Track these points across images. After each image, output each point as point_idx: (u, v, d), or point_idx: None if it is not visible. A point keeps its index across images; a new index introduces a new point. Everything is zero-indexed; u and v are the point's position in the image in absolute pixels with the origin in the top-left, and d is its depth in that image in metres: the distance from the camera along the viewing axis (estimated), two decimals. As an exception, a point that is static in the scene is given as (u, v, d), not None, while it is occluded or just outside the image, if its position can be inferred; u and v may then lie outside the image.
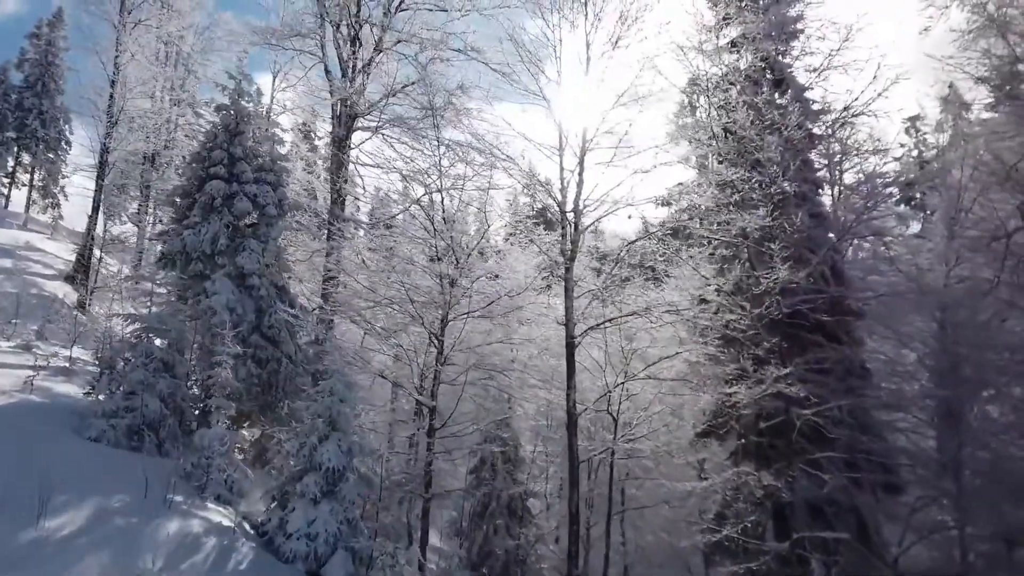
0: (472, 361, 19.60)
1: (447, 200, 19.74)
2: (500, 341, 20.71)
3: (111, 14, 32.31)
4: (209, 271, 20.63)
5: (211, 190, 20.85)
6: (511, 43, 19.08)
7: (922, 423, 19.21)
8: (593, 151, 18.78)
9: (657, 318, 18.21)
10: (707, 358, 18.77)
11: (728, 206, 17.50)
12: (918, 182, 31.65)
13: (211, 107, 23.94)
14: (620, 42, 18.35)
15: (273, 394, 20.49)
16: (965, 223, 20.57)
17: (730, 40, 21.67)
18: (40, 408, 15.65)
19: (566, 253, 18.65)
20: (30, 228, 43.23)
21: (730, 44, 21.84)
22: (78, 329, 24.20)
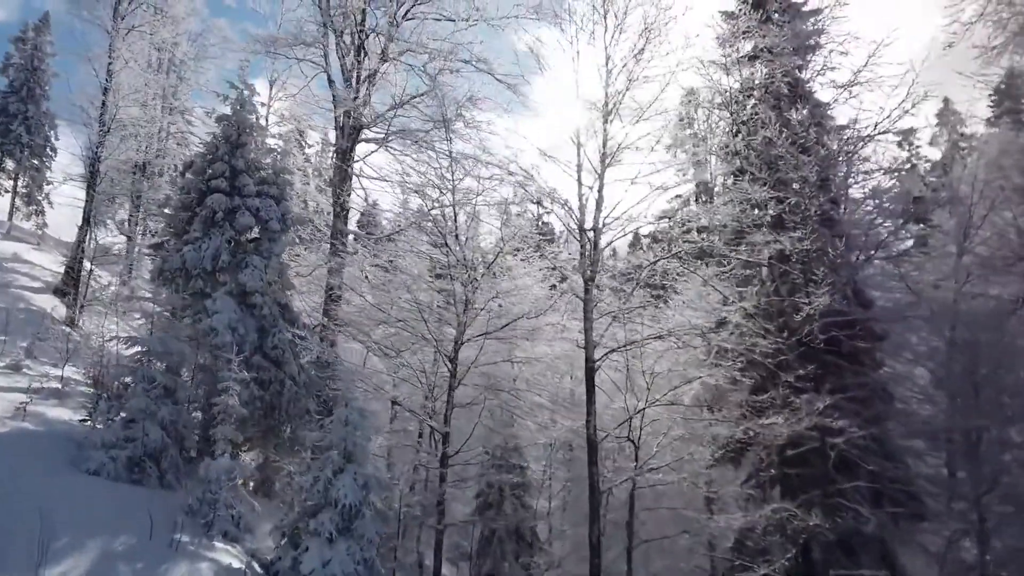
0: (485, 383, 18.82)
1: (460, 215, 18.89)
2: (508, 360, 19.93)
3: (104, 20, 31.30)
4: (210, 289, 19.79)
5: (212, 204, 20.02)
6: (529, 54, 18.44)
7: (942, 447, 18.79)
8: (613, 167, 18.12)
9: (682, 341, 17.54)
10: (729, 382, 18.13)
11: (760, 226, 16.87)
12: (925, 198, 31.21)
13: (211, 117, 23.07)
14: (642, 55, 17.68)
15: (276, 418, 19.66)
16: (975, 240, 20.20)
17: (746, 54, 21.09)
18: (34, 438, 14.77)
19: (585, 273, 17.94)
20: (14, 236, 42.06)
21: (747, 58, 21.29)
22: (69, 347, 23.25)
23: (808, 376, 15.97)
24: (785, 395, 15.80)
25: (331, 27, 24.98)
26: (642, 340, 17.66)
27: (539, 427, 21.01)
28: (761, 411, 16.21)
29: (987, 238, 20.46)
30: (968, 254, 19.76)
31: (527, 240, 19.69)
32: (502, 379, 19.59)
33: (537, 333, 19.13)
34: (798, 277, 18.23)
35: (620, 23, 17.90)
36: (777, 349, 17.02)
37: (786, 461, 17.09)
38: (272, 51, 24.72)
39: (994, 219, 20.42)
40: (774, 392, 16.20)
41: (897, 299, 20.49)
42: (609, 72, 18.40)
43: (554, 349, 20.34)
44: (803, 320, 16.23)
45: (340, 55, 25.19)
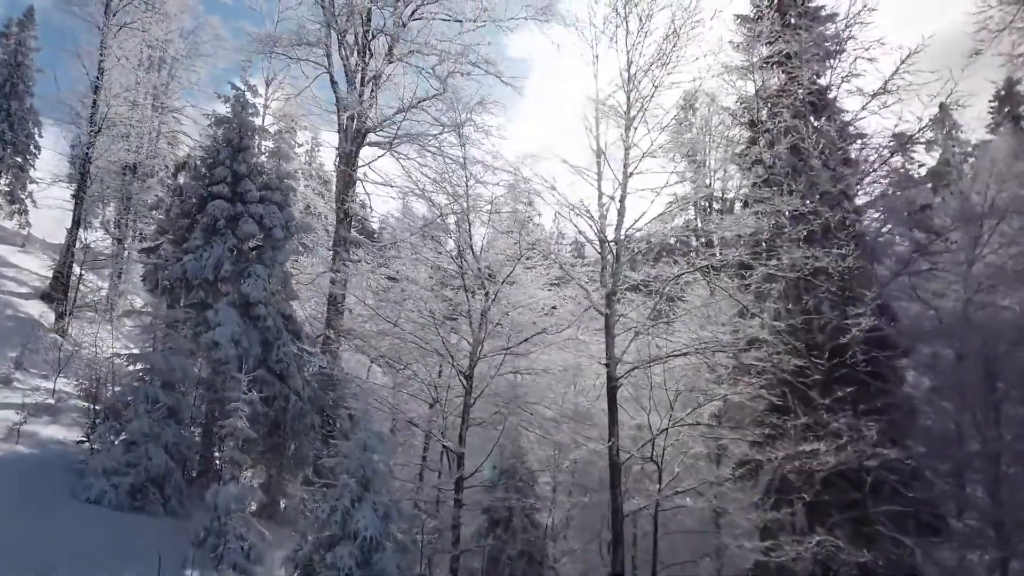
0: (502, 399, 18.05)
1: (475, 225, 18.11)
2: (526, 372, 19.17)
3: (95, 16, 30.27)
4: (211, 299, 18.92)
5: (214, 211, 19.14)
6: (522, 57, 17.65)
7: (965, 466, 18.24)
8: (635, 176, 17.42)
9: (706, 358, 16.84)
10: (754, 400, 17.44)
11: (796, 241, 16.19)
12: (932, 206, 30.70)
13: (208, 117, 22.14)
14: (669, 60, 16.98)
15: (280, 435, 18.79)
16: (984, 248, 19.66)
17: (764, 59, 20.37)
18: (30, 463, 13.93)
19: (607, 286, 17.21)
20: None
21: (768, 63, 20.59)
22: (60, 357, 22.28)
23: (845, 398, 15.29)
24: (822, 418, 15.10)
25: (334, 27, 24.12)
26: (666, 356, 16.92)
27: (555, 446, 20.22)
28: (796, 435, 15.49)
29: (998, 247, 19.92)
30: (979, 262, 19.14)
31: (542, 250, 18.91)
32: (516, 394, 18.78)
33: (554, 347, 18.34)
34: (826, 292, 17.55)
35: (644, 26, 17.16)
36: (804, 368, 16.35)
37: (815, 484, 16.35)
38: (274, 51, 23.78)
39: (1004, 228, 19.91)
40: (810, 414, 15.47)
41: (918, 312, 19.94)
42: (632, 76, 17.69)
43: (565, 361, 19.57)
44: (848, 340, 15.54)
45: (344, 55, 24.35)
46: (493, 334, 17.64)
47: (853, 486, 15.85)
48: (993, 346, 17.35)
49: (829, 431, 14.76)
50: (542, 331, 17.43)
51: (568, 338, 17.88)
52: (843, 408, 15.12)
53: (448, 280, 21.49)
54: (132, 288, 35.29)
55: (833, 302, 18.01)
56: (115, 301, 32.32)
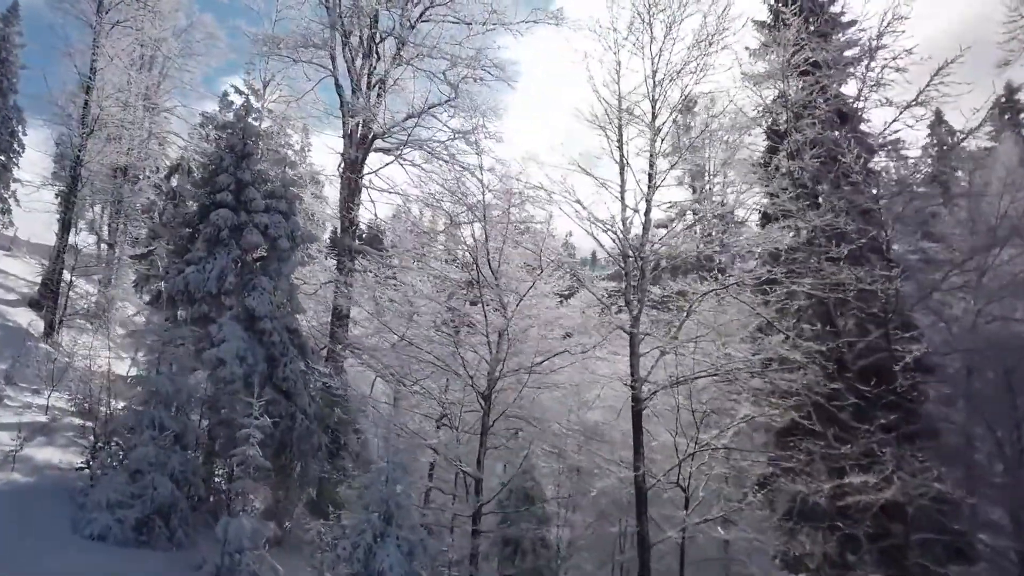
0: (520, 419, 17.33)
1: (491, 238, 17.31)
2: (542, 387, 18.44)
3: (87, 14, 29.25)
4: (215, 313, 18.09)
5: (217, 220, 18.30)
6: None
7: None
8: (661, 188, 16.74)
9: (737, 378, 16.16)
10: (779, 421, 16.80)
11: (837, 260, 15.53)
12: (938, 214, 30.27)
13: (203, 119, 21.26)
14: (697, 68, 16.31)
15: (287, 456, 17.93)
16: (994, 259, 19.16)
17: (788, 66, 19.72)
18: (27, 494, 13.05)
19: (631, 304, 16.49)
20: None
21: (787, 71, 19.94)
22: (53, 370, 21.36)
23: (889, 425, 14.66)
24: (865, 445, 14.43)
25: (339, 28, 23.27)
26: (694, 376, 16.20)
27: (568, 466, 19.48)
28: (830, 461, 14.85)
29: (1008, 258, 19.38)
30: (990, 272, 18.56)
31: (563, 267, 18.20)
32: (532, 413, 18.06)
33: (574, 366, 17.64)
34: (855, 311, 16.95)
35: (673, 32, 16.45)
36: (836, 390, 15.71)
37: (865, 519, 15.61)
38: (277, 53, 22.86)
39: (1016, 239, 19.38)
40: (849, 440, 14.81)
41: (930, 324, 19.37)
42: (657, 84, 17.00)
43: (583, 378, 18.89)
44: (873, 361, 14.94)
45: (349, 58, 23.52)
46: (512, 351, 16.86)
47: (890, 517, 15.23)
48: (1010, 360, 16.85)
49: (874, 459, 14.08)
50: (564, 350, 16.69)
51: (590, 357, 17.12)
52: (878, 433, 14.49)
53: (455, 290, 20.80)
54: (122, 294, 34.28)
55: (859, 320, 17.44)
56: (106, 308, 31.33)
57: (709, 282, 16.95)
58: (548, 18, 23.62)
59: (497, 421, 17.76)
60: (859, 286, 14.98)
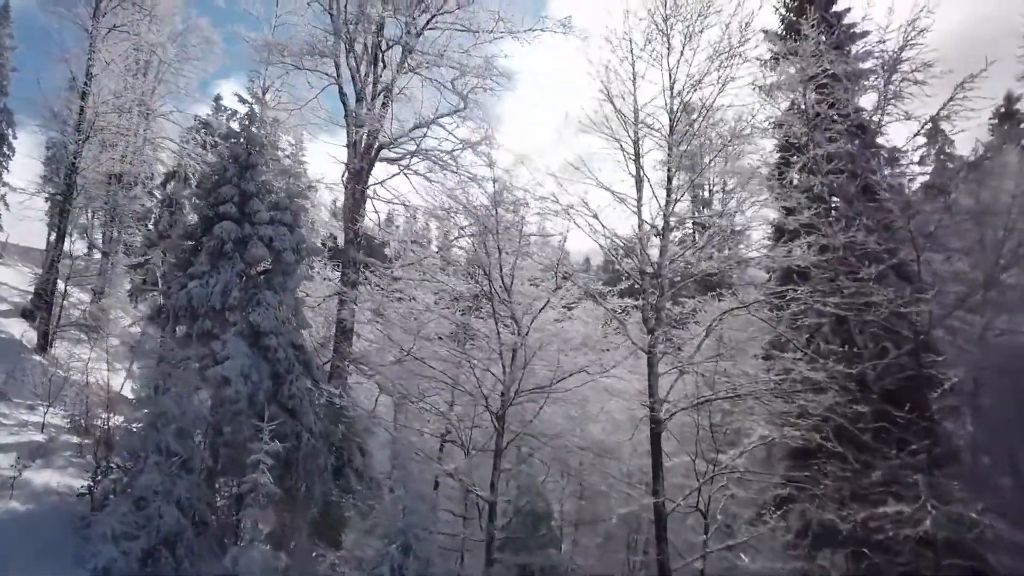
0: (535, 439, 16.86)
1: (505, 253, 16.86)
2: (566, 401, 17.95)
3: (83, 18, 28.64)
4: (218, 329, 17.51)
5: (221, 233, 17.72)
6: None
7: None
8: (680, 202, 16.35)
9: (761, 399, 15.76)
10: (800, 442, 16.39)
11: (868, 280, 15.16)
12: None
13: (218, 133, 20.70)
14: (718, 80, 15.96)
15: (292, 477, 17.36)
16: (1000, 269, 18.85)
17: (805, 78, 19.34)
18: (27, 522, 12.53)
19: (648, 322, 16.09)
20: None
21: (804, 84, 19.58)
22: (49, 386, 20.73)
23: (917, 449, 14.26)
24: (896, 472, 14.03)
25: (344, 36, 22.76)
26: (715, 397, 15.79)
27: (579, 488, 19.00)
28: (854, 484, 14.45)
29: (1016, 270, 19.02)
30: (995, 288, 18.21)
31: (576, 279, 17.76)
32: (544, 431, 17.60)
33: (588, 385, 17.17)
34: (877, 330, 16.58)
35: (692, 42, 16.10)
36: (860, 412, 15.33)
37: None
38: (282, 61, 22.36)
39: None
40: (875, 465, 14.42)
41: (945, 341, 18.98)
42: (675, 96, 16.64)
43: (600, 398, 18.45)
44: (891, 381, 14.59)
45: (353, 66, 23.01)
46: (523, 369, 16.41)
47: (919, 542, 14.81)
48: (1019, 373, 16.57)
49: (901, 485, 13.68)
50: (581, 370, 16.22)
51: (607, 375, 16.68)
52: (899, 456, 14.11)
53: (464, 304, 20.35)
54: (117, 303, 33.65)
55: (876, 338, 17.08)
56: (100, 318, 30.69)
57: (727, 299, 16.60)
58: (555, 27, 23.19)
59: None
60: (891, 307, 14.52)
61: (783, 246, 16.08)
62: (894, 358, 16.19)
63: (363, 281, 22.68)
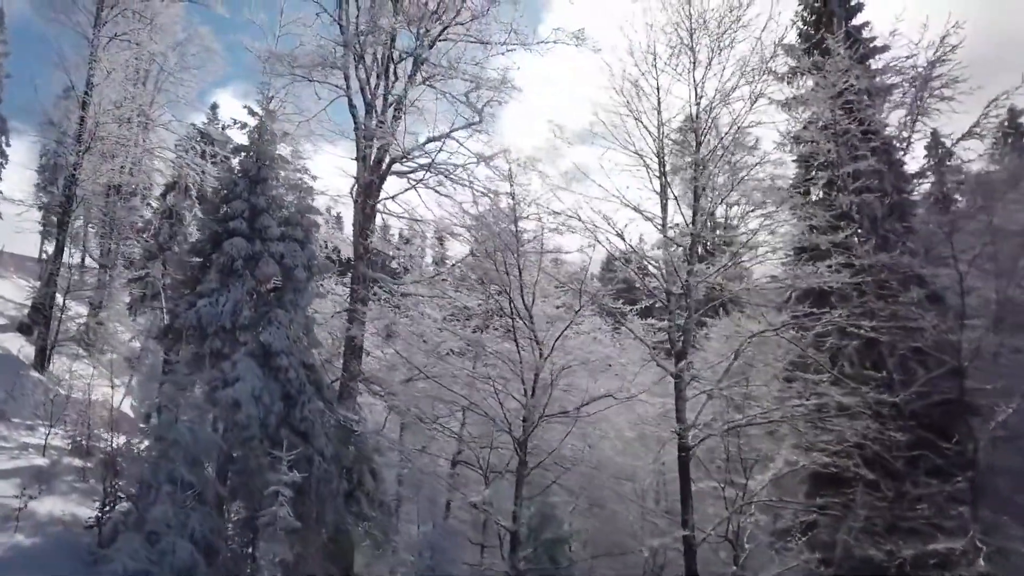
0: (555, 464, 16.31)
1: (524, 270, 16.35)
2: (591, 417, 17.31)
3: (84, 26, 28.06)
4: (228, 349, 16.92)
5: (231, 250, 17.17)
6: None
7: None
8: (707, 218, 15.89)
9: (795, 425, 15.25)
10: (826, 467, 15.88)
11: (903, 302, 14.72)
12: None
13: (227, 145, 20.15)
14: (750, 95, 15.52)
15: (305, 503, 16.75)
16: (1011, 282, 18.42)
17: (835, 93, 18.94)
18: (33, 558, 11.90)
19: (675, 345, 15.58)
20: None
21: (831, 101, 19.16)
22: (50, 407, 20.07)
23: (962, 480, 13.79)
24: (938, 503, 13.55)
25: (354, 47, 22.24)
26: (747, 422, 15.25)
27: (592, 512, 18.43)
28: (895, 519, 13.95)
29: None
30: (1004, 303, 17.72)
31: (597, 299, 17.24)
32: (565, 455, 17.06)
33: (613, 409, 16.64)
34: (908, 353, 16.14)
35: (722, 55, 15.67)
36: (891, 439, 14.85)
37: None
38: (292, 73, 21.83)
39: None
40: (908, 493, 13.94)
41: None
42: (702, 111, 16.20)
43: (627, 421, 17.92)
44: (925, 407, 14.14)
45: (363, 77, 22.49)
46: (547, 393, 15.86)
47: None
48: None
49: (947, 517, 13.18)
50: (607, 394, 15.68)
51: (634, 399, 16.14)
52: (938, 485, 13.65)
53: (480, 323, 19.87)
54: (115, 316, 33.00)
55: (905, 360, 16.66)
56: (98, 333, 30.06)
57: (751, 320, 16.13)
58: (569, 38, 22.73)
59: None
60: (935, 333, 14.07)
61: (810, 266, 15.57)
62: (928, 383, 15.74)
63: (372, 297, 22.13)
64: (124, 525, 12.40)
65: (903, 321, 14.81)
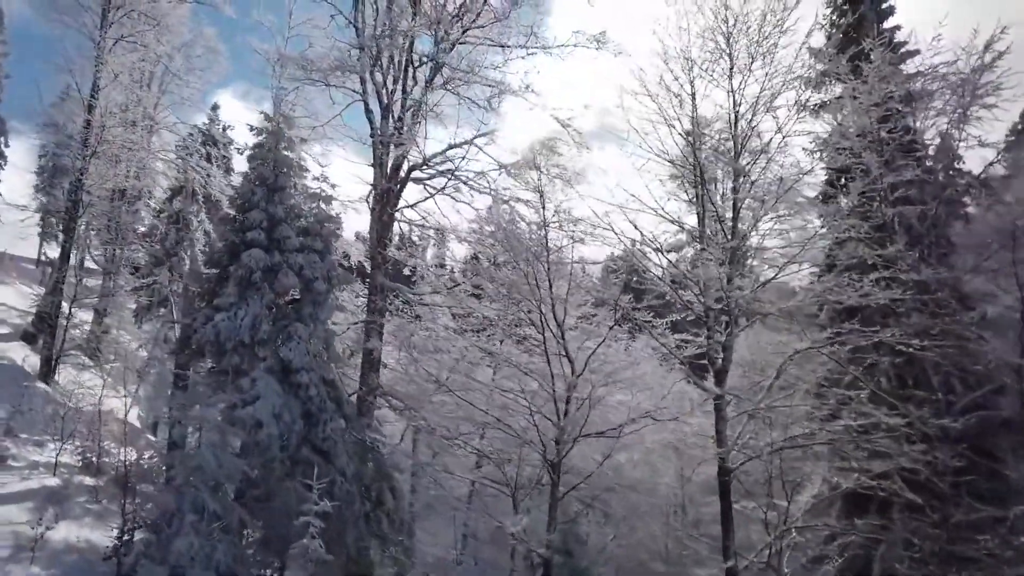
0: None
1: (555, 285, 15.74)
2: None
3: (90, 28, 27.32)
4: (247, 365, 16.32)
5: (250, 262, 16.56)
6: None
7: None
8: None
9: (842, 447, 14.65)
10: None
11: (962, 322, 14.13)
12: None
13: (244, 153, 19.47)
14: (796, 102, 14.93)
15: (327, 527, 16.00)
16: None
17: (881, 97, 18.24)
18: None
19: (715, 363, 14.94)
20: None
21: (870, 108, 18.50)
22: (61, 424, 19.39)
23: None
24: (1004, 534, 12.93)
25: (371, 50, 21.57)
26: (792, 444, 14.61)
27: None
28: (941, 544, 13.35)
29: None
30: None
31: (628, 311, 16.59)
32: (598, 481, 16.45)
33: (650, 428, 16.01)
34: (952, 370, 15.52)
35: (767, 62, 15.03)
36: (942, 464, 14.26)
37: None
38: (308, 77, 21.18)
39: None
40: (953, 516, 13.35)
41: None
42: (740, 117, 15.58)
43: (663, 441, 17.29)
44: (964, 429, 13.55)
45: (380, 81, 21.83)
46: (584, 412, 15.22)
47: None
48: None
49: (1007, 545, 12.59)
50: (647, 414, 15.05)
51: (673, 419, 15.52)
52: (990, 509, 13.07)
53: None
54: (120, 323, 32.31)
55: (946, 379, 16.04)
56: (103, 342, 29.39)
57: (799, 337, 15.51)
58: (589, 42, 22.14)
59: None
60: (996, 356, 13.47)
61: (855, 280, 14.93)
62: (974, 402, 15.16)
63: (390, 307, 21.51)
64: (145, 556, 11.73)
65: (960, 340, 14.18)
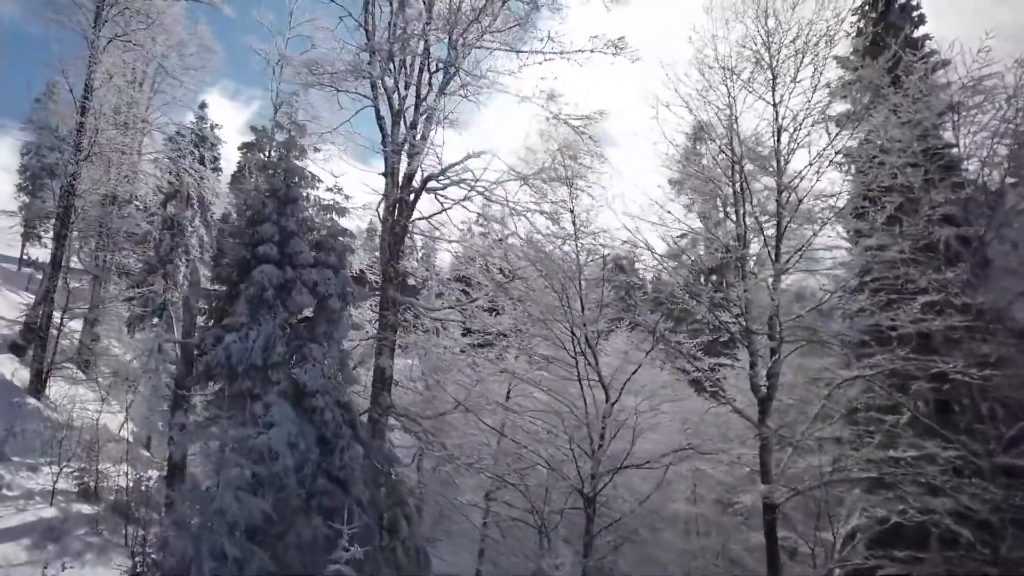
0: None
1: (587, 307, 14.92)
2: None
3: (83, 26, 26.21)
4: (259, 389, 15.34)
5: (262, 279, 15.56)
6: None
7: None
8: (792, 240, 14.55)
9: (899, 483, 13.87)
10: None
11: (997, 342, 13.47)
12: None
13: (256, 165, 18.52)
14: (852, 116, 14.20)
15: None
16: None
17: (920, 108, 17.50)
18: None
19: (759, 391, 14.15)
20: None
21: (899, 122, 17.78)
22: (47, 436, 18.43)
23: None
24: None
25: (382, 55, 20.65)
26: (844, 478, 13.84)
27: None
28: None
29: None
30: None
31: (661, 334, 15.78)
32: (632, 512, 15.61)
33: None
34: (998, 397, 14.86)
35: (817, 74, 14.28)
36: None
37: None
38: (327, 84, 20.25)
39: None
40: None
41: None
42: (782, 129, 14.83)
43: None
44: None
45: (391, 86, 20.92)
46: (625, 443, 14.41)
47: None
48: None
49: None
50: (688, 446, 14.24)
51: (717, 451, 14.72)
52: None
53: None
54: (111, 332, 31.19)
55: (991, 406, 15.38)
56: (93, 350, 28.29)
57: (841, 362, 14.77)
58: (607, 47, 21.34)
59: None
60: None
61: (905, 303, 14.21)
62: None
63: (403, 323, 20.61)
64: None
65: (1016, 368, 13.50)
